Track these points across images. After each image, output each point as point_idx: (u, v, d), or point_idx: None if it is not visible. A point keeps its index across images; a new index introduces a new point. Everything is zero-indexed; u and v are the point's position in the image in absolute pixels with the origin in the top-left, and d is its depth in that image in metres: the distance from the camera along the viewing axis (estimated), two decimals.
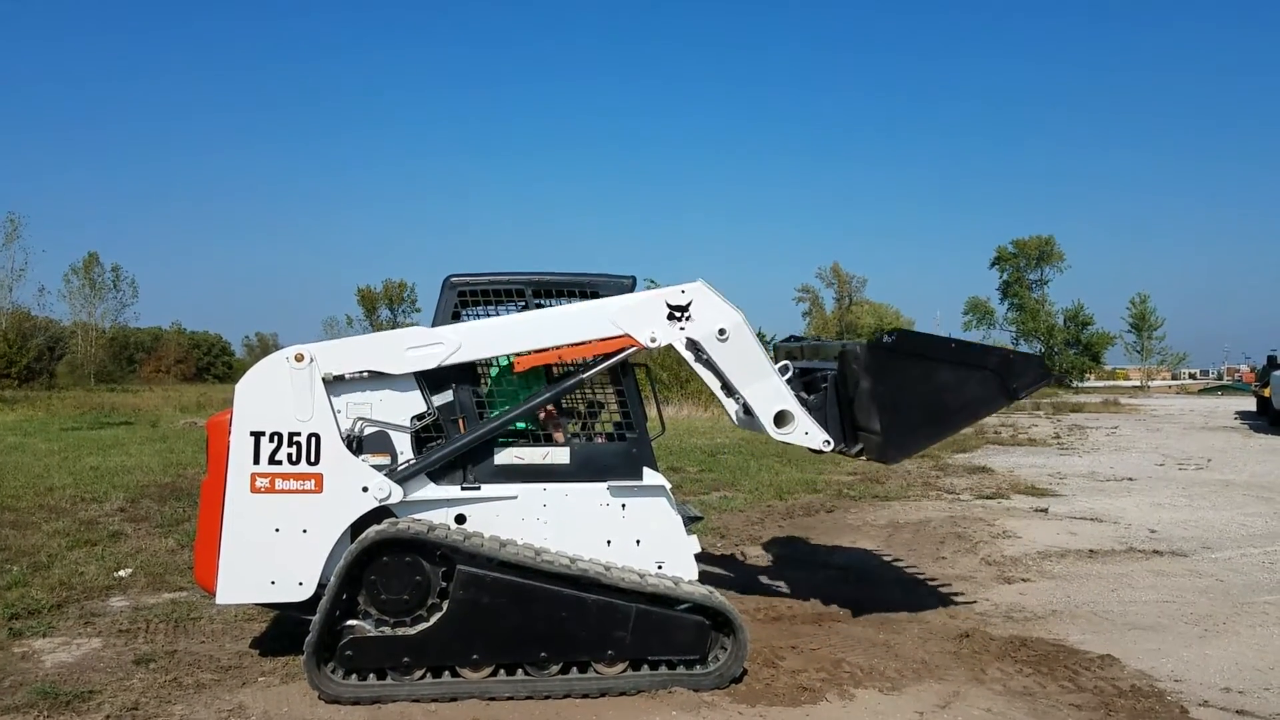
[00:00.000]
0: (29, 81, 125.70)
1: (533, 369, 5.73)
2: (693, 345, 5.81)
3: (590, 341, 5.68)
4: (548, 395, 5.70)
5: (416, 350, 5.56)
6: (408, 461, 5.52)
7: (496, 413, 5.64)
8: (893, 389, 5.88)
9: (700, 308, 5.78)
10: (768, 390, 5.95)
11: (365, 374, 5.57)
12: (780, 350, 7.05)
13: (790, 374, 6.17)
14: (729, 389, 5.99)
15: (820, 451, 6.16)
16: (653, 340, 5.75)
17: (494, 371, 6.00)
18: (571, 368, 5.80)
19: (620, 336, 5.70)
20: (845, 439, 6.16)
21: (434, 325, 5.72)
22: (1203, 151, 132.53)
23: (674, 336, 5.77)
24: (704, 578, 5.88)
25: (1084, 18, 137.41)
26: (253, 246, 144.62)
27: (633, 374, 5.88)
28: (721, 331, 5.78)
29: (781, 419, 5.98)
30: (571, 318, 5.70)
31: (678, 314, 5.77)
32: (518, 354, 5.64)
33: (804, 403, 6.11)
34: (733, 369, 5.87)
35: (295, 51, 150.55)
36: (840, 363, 6.16)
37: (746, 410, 6.07)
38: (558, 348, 5.65)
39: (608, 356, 5.71)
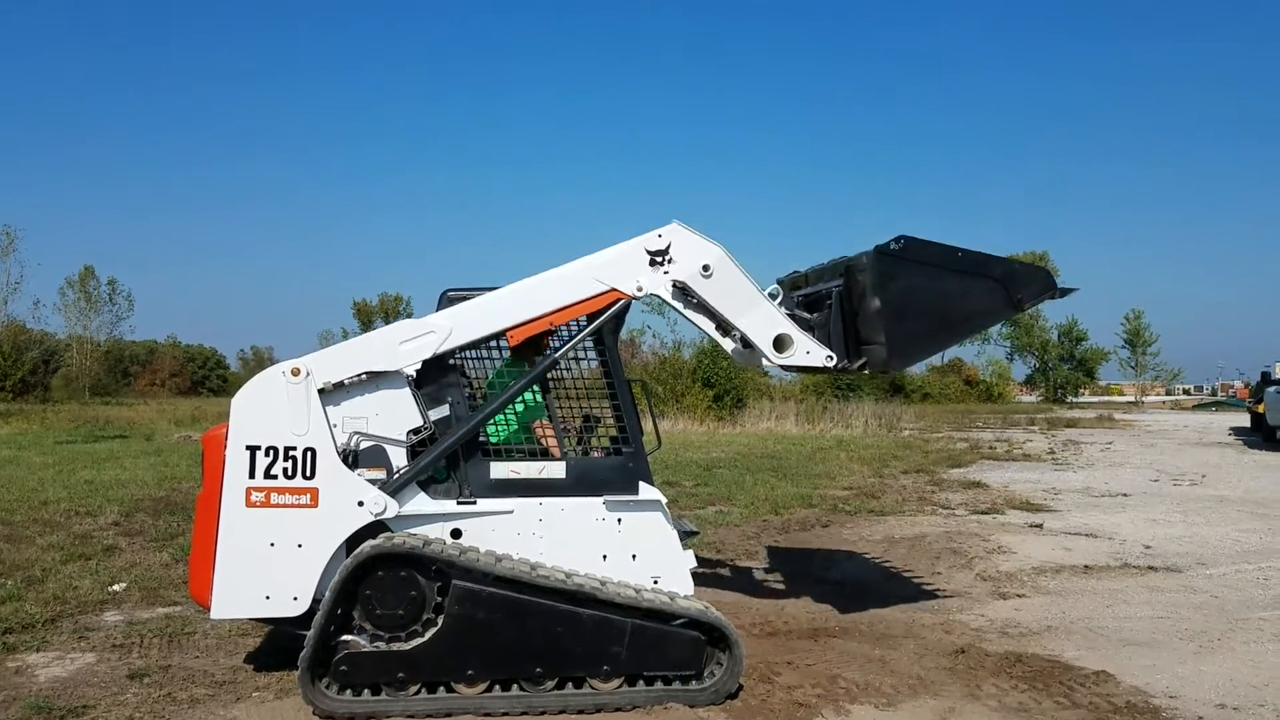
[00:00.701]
0: (24, 92, 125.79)
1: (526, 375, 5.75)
2: (680, 290, 5.82)
3: (578, 302, 5.69)
4: (532, 375, 5.67)
5: (410, 343, 5.56)
6: (399, 470, 5.51)
7: (477, 416, 5.58)
8: (898, 295, 5.85)
9: (680, 248, 5.78)
10: (761, 317, 5.94)
11: (363, 377, 5.54)
12: (785, 284, 6.96)
13: (781, 297, 6.15)
14: (724, 327, 5.99)
15: (824, 370, 6.13)
16: (639, 289, 5.75)
17: (490, 385, 6.00)
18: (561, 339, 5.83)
19: (607, 292, 5.71)
20: (848, 354, 6.12)
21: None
22: (1198, 167, 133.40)
23: (659, 283, 5.78)
24: (700, 593, 5.88)
25: (1080, 32, 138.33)
26: (248, 260, 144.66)
27: (628, 387, 5.88)
28: (705, 268, 5.78)
29: (780, 343, 5.97)
30: (556, 281, 5.70)
31: (659, 259, 5.77)
32: (509, 328, 5.64)
33: (806, 322, 6.12)
34: (723, 302, 5.85)
35: (293, 63, 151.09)
36: (846, 276, 6.11)
37: (744, 343, 6.08)
38: (547, 314, 5.65)
39: (598, 315, 5.71)
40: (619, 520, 5.68)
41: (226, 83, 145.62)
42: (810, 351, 6.04)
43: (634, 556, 5.67)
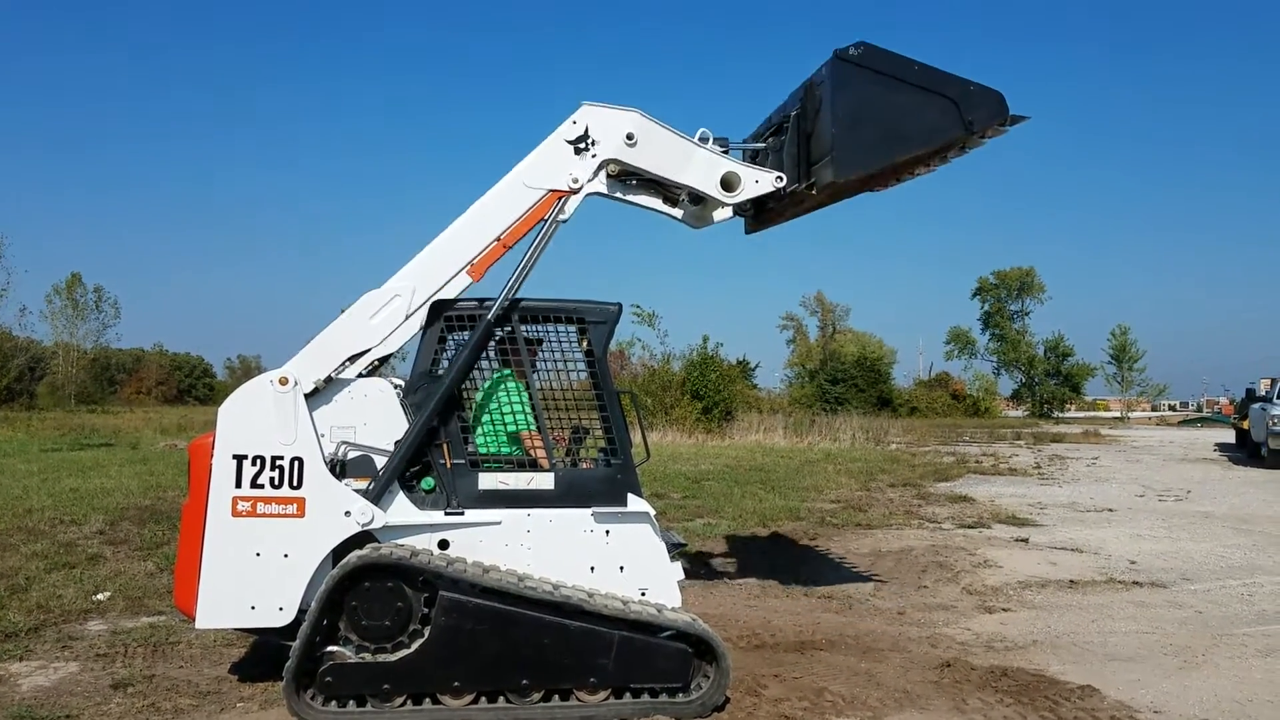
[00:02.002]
0: (10, 100, 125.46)
1: (513, 378, 5.75)
2: (617, 175, 5.83)
3: (523, 215, 5.70)
4: (475, 337, 5.60)
5: (380, 314, 5.56)
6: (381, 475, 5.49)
7: (434, 399, 5.52)
8: (851, 102, 5.80)
9: (598, 127, 5.77)
10: (700, 163, 5.94)
11: (346, 364, 5.55)
12: (750, 139, 6.85)
13: (711, 140, 6.09)
14: (670, 196, 6.02)
15: (777, 201, 6.13)
16: (575, 182, 5.74)
17: (479, 396, 6.00)
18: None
19: (545, 195, 5.72)
20: (800, 176, 6.08)
21: (420, 353, 5.72)
22: (1187, 182, 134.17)
23: (590, 168, 5.75)
24: (687, 605, 5.87)
25: (1068, 48, 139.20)
26: (236, 268, 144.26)
27: (617, 399, 5.88)
28: (629, 136, 5.76)
29: (727, 183, 5.97)
30: (494, 202, 5.72)
31: (582, 144, 5.75)
32: (467, 263, 5.63)
33: (755, 152, 6.17)
34: (658, 164, 5.85)
35: (280, 73, 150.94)
36: (806, 94, 6.10)
37: (694, 199, 6.09)
38: (498, 236, 5.67)
39: (545, 221, 5.71)
40: (607, 532, 5.67)
41: (215, 91, 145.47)
42: (759, 180, 6.04)
43: (622, 568, 5.66)
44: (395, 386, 5.73)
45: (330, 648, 5.19)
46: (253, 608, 5.27)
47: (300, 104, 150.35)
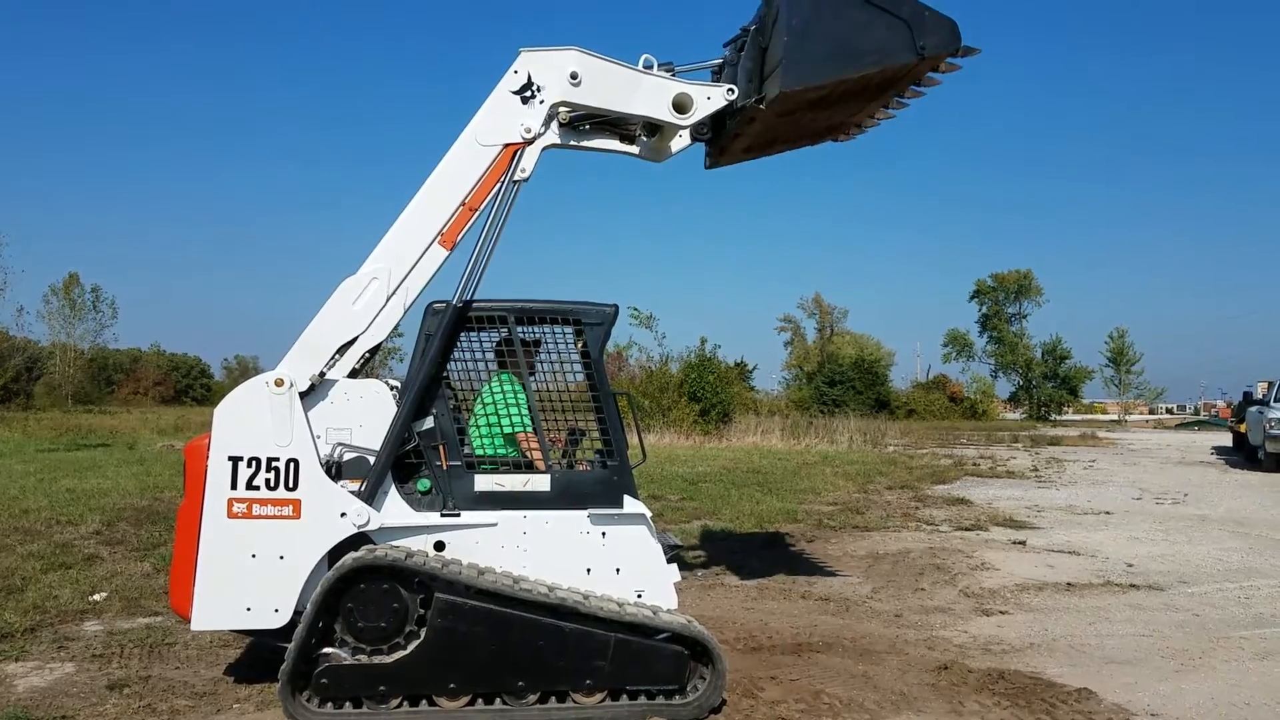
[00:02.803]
0: (8, 99, 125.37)
1: (514, 371, 5.75)
2: (570, 122, 5.79)
3: (483, 174, 5.67)
4: (447, 316, 5.56)
5: (361, 299, 5.55)
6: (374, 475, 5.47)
7: (414, 389, 5.51)
8: (804, 12, 5.71)
9: (540, 72, 5.71)
10: (649, 90, 5.90)
11: (338, 357, 5.54)
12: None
13: (656, 65, 6.04)
14: (626, 134, 6.00)
15: (733, 116, 6.07)
16: (528, 131, 5.69)
17: (478, 407, 5.99)
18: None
19: (501, 150, 5.69)
20: (753, 91, 6.02)
21: (414, 354, 5.69)
22: (1184, 186, 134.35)
23: (541, 115, 5.69)
24: (683, 607, 5.87)
25: (1067, 46, 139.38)
26: (234, 268, 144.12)
27: (613, 400, 5.88)
28: (573, 75, 5.70)
29: (680, 105, 5.93)
30: (452, 169, 5.69)
31: (528, 93, 5.70)
32: (438, 233, 5.61)
33: (723, 68, 6.15)
34: (607, 98, 5.80)
35: (278, 74, 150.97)
36: (764, 6, 6.05)
37: (650, 130, 6.06)
38: (464, 200, 5.64)
39: (504, 177, 5.67)
40: (603, 534, 5.67)
41: (213, 91, 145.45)
42: (710, 96, 6.00)
43: (618, 570, 5.66)
44: (391, 388, 5.72)
45: (326, 649, 5.18)
46: (248, 609, 5.26)
47: (300, 105, 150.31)
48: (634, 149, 6.19)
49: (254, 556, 5.26)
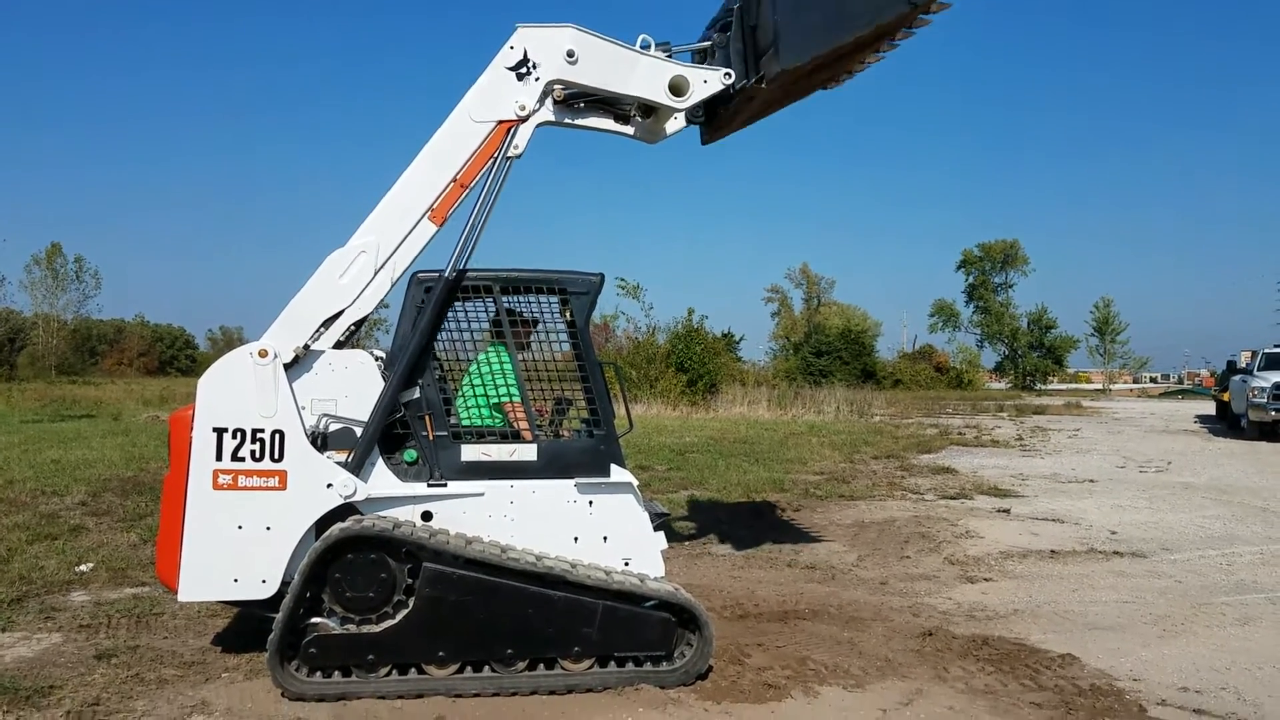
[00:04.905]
0: None
1: (498, 352, 5.75)
2: (564, 100, 5.74)
3: (476, 151, 5.63)
4: (439, 292, 5.53)
5: (348, 273, 5.51)
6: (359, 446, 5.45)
7: (402, 364, 5.48)
8: None
9: (536, 49, 5.66)
10: (646, 71, 5.86)
11: (323, 331, 5.50)
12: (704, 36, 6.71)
13: (653, 46, 6.00)
14: (621, 114, 5.97)
15: (728, 100, 6.04)
16: (522, 109, 5.65)
17: (465, 380, 5.97)
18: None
19: (494, 127, 5.65)
20: (748, 71, 5.98)
21: (399, 324, 5.66)
22: (1168, 158, 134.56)
23: (535, 92, 5.66)
24: (671, 575, 5.89)
25: (1052, 20, 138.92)
26: (218, 239, 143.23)
27: (600, 369, 5.87)
28: (570, 53, 5.66)
29: (676, 87, 5.89)
30: (444, 144, 5.64)
31: (523, 69, 5.65)
32: (428, 208, 5.57)
33: (709, 51, 6.09)
34: (603, 77, 5.77)
35: (264, 48, 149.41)
36: None
37: (645, 113, 6.03)
38: (455, 176, 5.60)
39: (498, 154, 5.64)
40: (590, 502, 5.67)
41: (197, 64, 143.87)
42: (707, 80, 5.95)
43: (605, 539, 5.67)
44: (377, 359, 5.69)
45: (314, 619, 5.18)
46: (235, 580, 5.25)
47: (282, 77, 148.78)
48: (628, 129, 6.13)
49: (240, 528, 5.24)
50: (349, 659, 5.15)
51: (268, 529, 5.27)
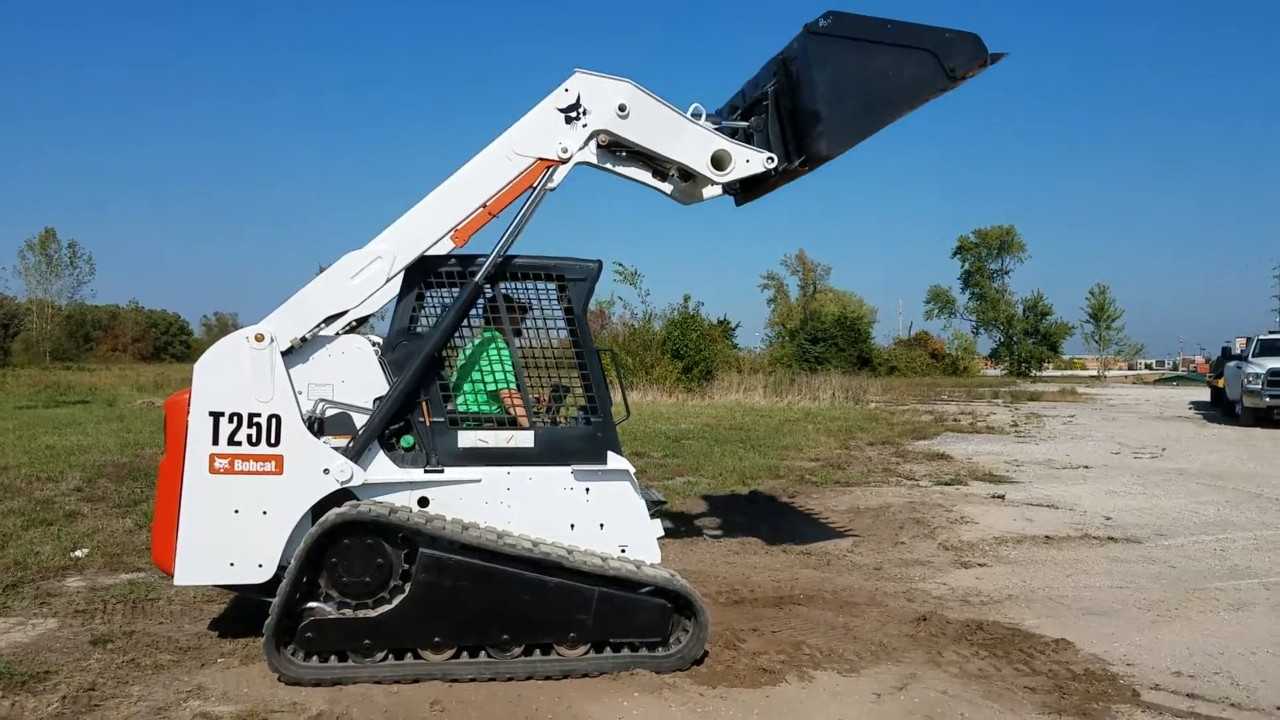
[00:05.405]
0: None
1: (492, 339, 5.74)
2: (607, 145, 5.76)
3: (510, 182, 5.62)
4: (462, 298, 5.55)
5: (360, 275, 5.48)
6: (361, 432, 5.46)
7: (417, 358, 5.48)
8: (832, 75, 5.76)
9: (590, 96, 5.68)
10: (692, 139, 5.90)
11: (323, 326, 5.49)
12: (723, 111, 6.80)
13: (704, 116, 6.08)
14: (660, 170, 5.98)
15: (766, 179, 6.10)
16: (564, 151, 5.65)
17: (459, 360, 5.96)
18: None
19: (533, 164, 5.64)
20: (789, 155, 6.05)
21: (397, 310, 5.66)
22: (1163, 146, 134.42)
23: (580, 138, 5.67)
24: (667, 561, 5.90)
25: (1050, 5, 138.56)
26: (212, 224, 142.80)
27: (597, 357, 5.86)
28: (621, 107, 5.69)
29: (718, 160, 5.93)
30: (481, 168, 5.63)
31: (573, 113, 5.67)
32: (452, 229, 5.55)
33: (741, 131, 6.13)
34: (650, 136, 5.79)
35: (262, 34, 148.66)
36: (780, 70, 6.05)
37: (683, 175, 6.05)
38: (484, 203, 5.59)
39: (533, 189, 5.64)
40: (587, 489, 5.68)
41: (192, 53, 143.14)
42: (749, 160, 5.99)
43: (601, 525, 5.68)
44: (374, 344, 5.68)
45: (310, 604, 5.19)
46: (231, 564, 5.25)
47: (280, 61, 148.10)
48: (665, 187, 6.15)
49: (237, 512, 5.24)
50: (345, 643, 5.16)
51: (264, 513, 5.26)
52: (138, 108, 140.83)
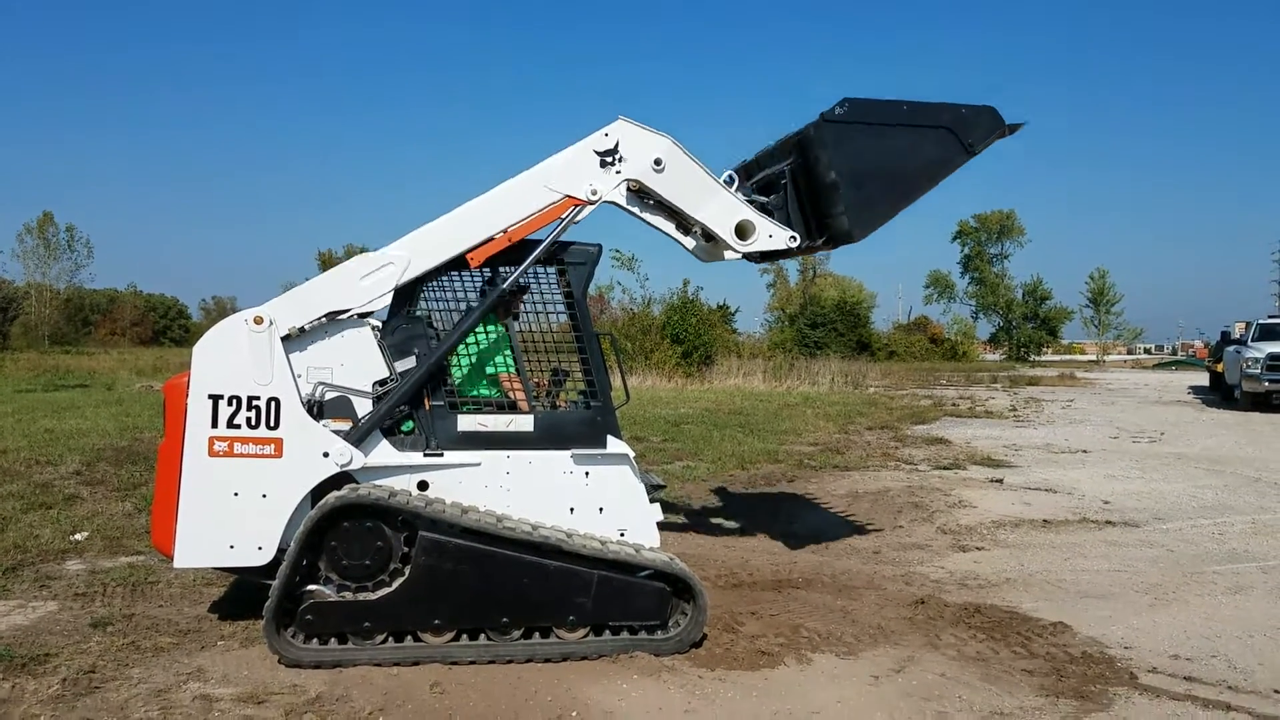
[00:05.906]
0: None
1: (496, 332, 5.73)
2: (635, 192, 5.78)
3: (534, 214, 5.61)
4: (486, 302, 5.58)
5: (370, 277, 5.49)
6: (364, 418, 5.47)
7: (434, 356, 5.51)
8: (851, 161, 5.81)
9: (629, 145, 5.70)
10: (720, 206, 5.91)
11: (325, 321, 5.48)
12: (738, 172, 6.76)
13: (737, 184, 6.12)
14: (684, 224, 5.97)
15: (787, 253, 6.14)
16: (594, 193, 5.66)
17: (460, 348, 5.95)
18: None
19: (561, 200, 5.64)
20: (810, 233, 6.10)
21: (394, 296, 5.65)
22: (1163, 131, 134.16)
23: (612, 183, 5.70)
24: (666, 545, 5.91)
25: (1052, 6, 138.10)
26: (211, 209, 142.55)
27: (596, 341, 5.86)
28: (657, 161, 5.71)
29: (742, 230, 5.95)
30: (509, 195, 5.63)
31: (609, 159, 5.69)
32: (468, 249, 5.54)
33: (762, 206, 6.10)
34: (679, 195, 5.81)
35: (258, 20, 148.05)
36: (796, 151, 6.08)
37: (706, 236, 6.06)
38: (505, 230, 5.58)
39: (559, 221, 5.64)
40: (586, 473, 5.68)
41: (189, 34, 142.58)
42: (773, 235, 6.02)
43: (601, 509, 5.68)
44: (373, 328, 5.68)
45: (310, 586, 5.20)
46: (231, 547, 5.26)
47: (274, 44, 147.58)
48: (688, 241, 6.14)
49: (236, 495, 5.24)
50: (345, 626, 5.18)
51: (264, 496, 5.27)
52: (137, 90, 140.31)
